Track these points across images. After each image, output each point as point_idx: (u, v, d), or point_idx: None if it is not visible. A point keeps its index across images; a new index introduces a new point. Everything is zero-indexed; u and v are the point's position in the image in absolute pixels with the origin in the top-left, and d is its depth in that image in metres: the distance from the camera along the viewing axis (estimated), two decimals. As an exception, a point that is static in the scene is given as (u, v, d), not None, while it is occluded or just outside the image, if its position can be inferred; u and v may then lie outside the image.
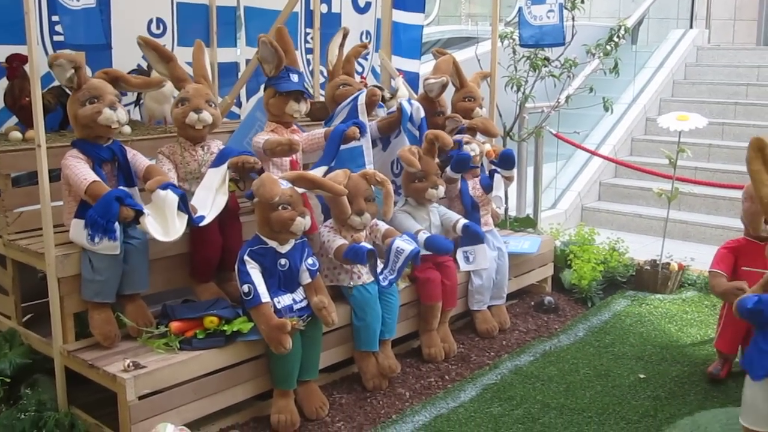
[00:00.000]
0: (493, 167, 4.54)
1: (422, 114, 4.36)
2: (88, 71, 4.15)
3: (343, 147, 3.85)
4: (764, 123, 8.21)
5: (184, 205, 3.27)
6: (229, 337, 3.31)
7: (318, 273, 3.56)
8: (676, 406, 3.66)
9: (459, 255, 4.41)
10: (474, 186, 4.54)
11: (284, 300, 3.40)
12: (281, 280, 3.43)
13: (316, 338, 3.53)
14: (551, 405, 3.67)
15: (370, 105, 4.19)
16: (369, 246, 3.62)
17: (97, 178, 3.23)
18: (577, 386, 3.86)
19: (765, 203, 2.78)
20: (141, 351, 3.25)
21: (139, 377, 3.03)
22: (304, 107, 3.97)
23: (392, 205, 3.83)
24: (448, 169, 4.37)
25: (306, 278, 3.51)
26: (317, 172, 3.73)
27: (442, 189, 4.20)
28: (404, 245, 3.72)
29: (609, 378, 3.96)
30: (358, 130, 3.87)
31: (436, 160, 4.28)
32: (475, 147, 4.51)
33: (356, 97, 4.21)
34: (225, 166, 3.54)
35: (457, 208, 4.48)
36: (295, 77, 3.91)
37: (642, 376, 3.99)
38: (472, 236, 4.27)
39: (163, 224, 3.23)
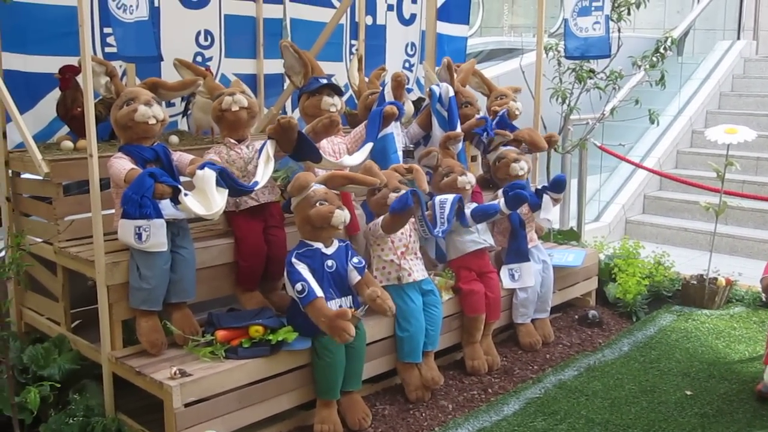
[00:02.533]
0: (543, 188, 4.49)
1: (451, 94, 4.42)
2: (136, 80, 4.26)
3: (382, 132, 3.98)
4: (814, 136, 8.07)
5: (223, 180, 3.28)
6: (274, 347, 3.33)
7: (366, 269, 3.57)
8: (723, 424, 3.60)
9: (504, 272, 4.39)
10: None
11: (332, 307, 3.39)
12: (330, 283, 3.42)
13: (359, 349, 3.53)
14: (595, 420, 3.62)
15: (397, 87, 4.22)
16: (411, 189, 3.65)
17: (137, 168, 3.26)
18: (622, 402, 3.82)
19: None
20: (187, 359, 3.29)
21: (186, 385, 3.06)
22: (338, 102, 4.00)
23: (425, 181, 3.92)
24: (501, 203, 4.24)
25: (355, 277, 3.51)
26: (364, 151, 3.84)
27: (471, 176, 4.20)
28: (445, 196, 3.80)
29: (655, 394, 3.90)
30: (396, 109, 3.96)
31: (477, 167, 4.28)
32: (524, 165, 4.48)
33: (383, 87, 4.34)
34: (267, 140, 3.59)
35: (503, 225, 4.46)
36: (323, 80, 3.97)
37: (689, 392, 3.93)
38: (517, 200, 4.18)
39: (204, 202, 3.24)
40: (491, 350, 4.21)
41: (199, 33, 4.63)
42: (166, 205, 3.28)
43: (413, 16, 5.77)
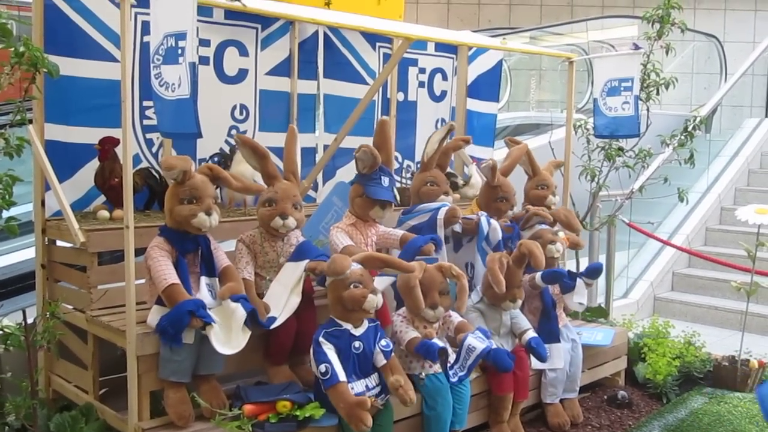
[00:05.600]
0: (578, 274, 4.50)
1: (499, 236, 4.37)
2: (173, 152, 4.34)
3: (418, 257, 3.86)
4: None
5: (250, 320, 3.36)
6: (300, 423, 3.31)
7: (392, 353, 3.56)
8: None
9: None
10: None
11: (357, 387, 3.40)
12: (356, 365, 3.43)
13: (386, 426, 3.50)
14: (627, 507, 3.54)
15: (448, 222, 4.23)
16: (441, 344, 3.64)
17: (177, 281, 3.31)
18: (654, 488, 3.73)
19: None
20: (214, 433, 3.27)
21: (212, 460, 3.04)
22: (388, 213, 4.05)
23: (466, 299, 3.84)
24: (538, 276, 4.30)
25: (381, 360, 3.51)
26: (384, 280, 3.71)
27: (519, 302, 4.18)
28: (476, 343, 3.73)
29: (687, 481, 3.81)
30: (434, 247, 3.92)
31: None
32: (560, 247, 4.50)
33: (437, 210, 4.27)
34: (302, 266, 3.60)
35: (534, 304, 4.44)
36: (386, 181, 3.97)
37: (722, 480, 3.83)
38: (536, 356, 4.17)
39: (227, 334, 3.33)
40: (518, 430, 4.14)
41: (234, 107, 4.72)
42: (204, 296, 3.38)
43: (444, 93, 5.86)
